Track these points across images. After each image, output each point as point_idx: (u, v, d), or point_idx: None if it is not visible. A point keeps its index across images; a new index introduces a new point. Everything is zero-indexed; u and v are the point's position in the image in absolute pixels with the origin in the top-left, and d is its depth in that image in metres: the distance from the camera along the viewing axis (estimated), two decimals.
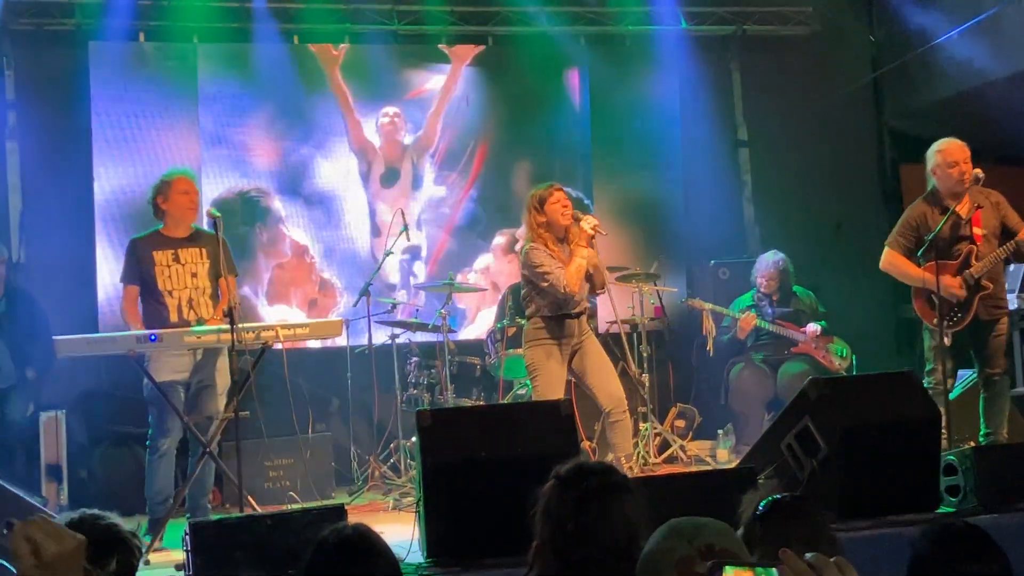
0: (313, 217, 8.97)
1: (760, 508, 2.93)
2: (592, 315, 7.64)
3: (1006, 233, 6.43)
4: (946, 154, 6.44)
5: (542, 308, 6.33)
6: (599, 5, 9.41)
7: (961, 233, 6.44)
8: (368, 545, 2.67)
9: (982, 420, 6.51)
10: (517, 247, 8.44)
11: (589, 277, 6.40)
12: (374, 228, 9.02)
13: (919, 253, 6.40)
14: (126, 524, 2.35)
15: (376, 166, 9.15)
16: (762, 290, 8.22)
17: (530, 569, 2.82)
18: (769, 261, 8.23)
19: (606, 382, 6.39)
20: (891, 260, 6.62)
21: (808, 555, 1.72)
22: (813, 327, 8.02)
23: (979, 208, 6.45)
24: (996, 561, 2.72)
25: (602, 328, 8.37)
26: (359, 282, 8.19)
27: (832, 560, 1.73)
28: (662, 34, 9.58)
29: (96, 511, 2.40)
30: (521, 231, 6.61)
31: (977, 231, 6.41)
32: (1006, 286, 6.63)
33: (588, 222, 6.30)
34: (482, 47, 9.38)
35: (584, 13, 9.42)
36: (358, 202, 9.08)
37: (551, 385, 6.25)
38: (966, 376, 7.01)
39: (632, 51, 9.60)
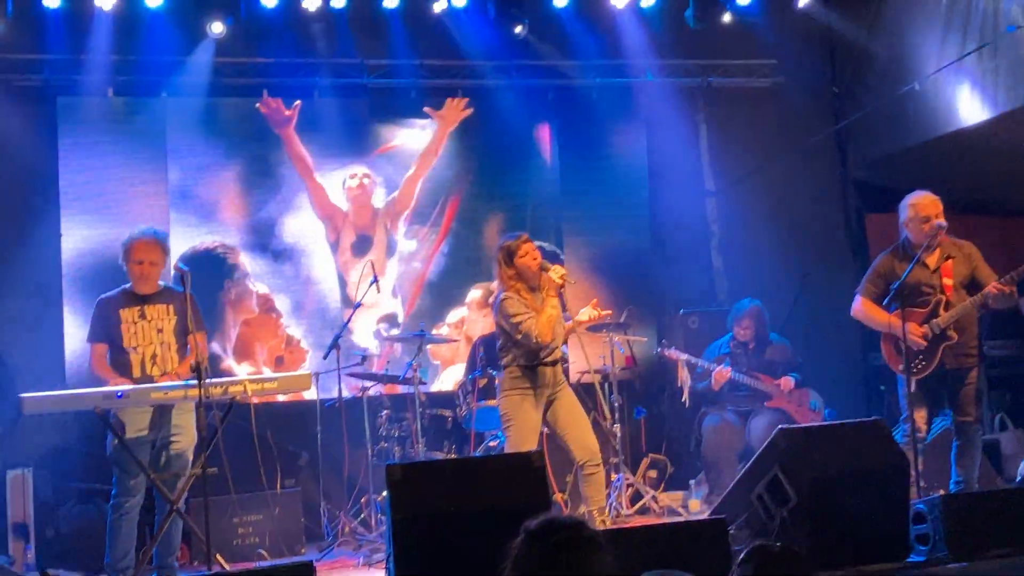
0: (281, 273, 8.94)
1: (744, 554, 2.95)
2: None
3: (976, 285, 6.49)
4: (919, 208, 6.52)
5: (518, 357, 6.33)
6: (567, 58, 9.50)
7: (930, 283, 6.51)
8: None
9: (953, 467, 6.54)
10: (490, 300, 8.45)
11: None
12: (345, 298, 8.95)
13: (884, 302, 6.47)
14: None
15: (346, 234, 9.09)
16: (738, 338, 8.24)
17: None
18: (745, 309, 8.25)
19: (581, 434, 6.37)
20: (861, 307, 6.72)
21: None
22: (787, 380, 8.04)
23: (950, 259, 6.52)
24: None
25: (573, 378, 8.36)
26: (327, 338, 8.14)
27: None
28: (629, 87, 9.69)
29: (60, 572, 2.36)
30: (496, 284, 6.63)
31: (947, 282, 6.48)
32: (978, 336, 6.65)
33: (556, 272, 6.33)
34: (470, 110, 9.40)
35: (553, 66, 9.51)
36: (326, 258, 9.06)
37: (525, 434, 6.24)
38: (936, 422, 7.05)
39: (600, 104, 9.67)
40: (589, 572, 2.71)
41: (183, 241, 8.55)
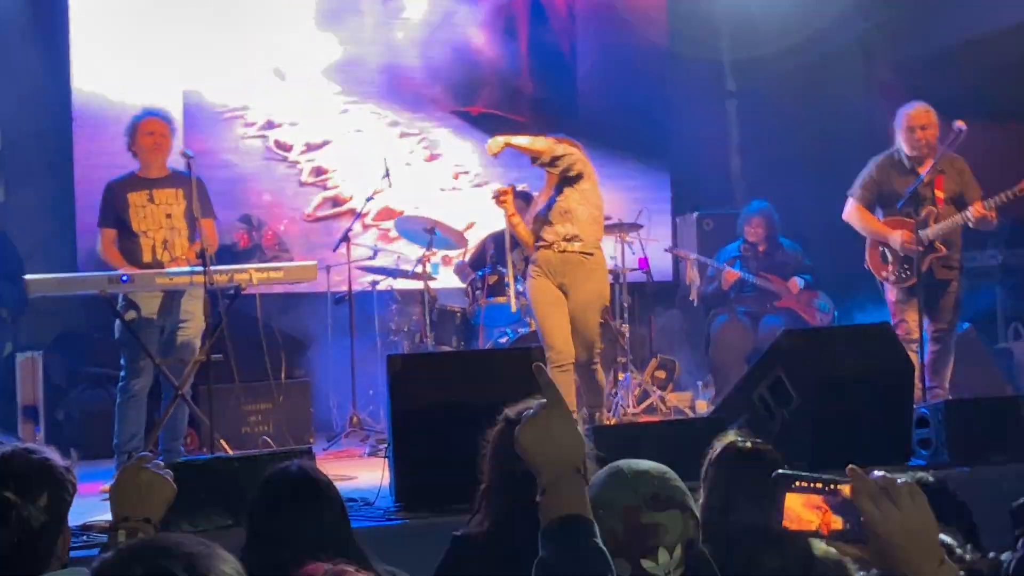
0: None
1: (717, 452, 2.92)
2: None
3: (964, 201, 6.55)
4: (909, 118, 6.58)
5: None
6: None
7: (923, 194, 6.48)
8: (311, 482, 2.66)
9: (927, 374, 6.53)
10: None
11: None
12: None
13: (881, 209, 6.63)
14: (62, 459, 2.32)
15: None
16: (748, 239, 8.14)
17: (477, 512, 2.80)
18: (755, 210, 8.16)
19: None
20: (854, 211, 6.79)
21: (877, 473, 1.63)
22: (796, 281, 7.96)
23: (941, 173, 6.48)
24: (959, 516, 2.69)
25: None
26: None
27: (901, 481, 1.63)
28: None
29: (29, 445, 2.37)
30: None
31: (939, 194, 6.52)
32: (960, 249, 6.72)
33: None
34: None
35: None
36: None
37: (545, 308, 6.24)
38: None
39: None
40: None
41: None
